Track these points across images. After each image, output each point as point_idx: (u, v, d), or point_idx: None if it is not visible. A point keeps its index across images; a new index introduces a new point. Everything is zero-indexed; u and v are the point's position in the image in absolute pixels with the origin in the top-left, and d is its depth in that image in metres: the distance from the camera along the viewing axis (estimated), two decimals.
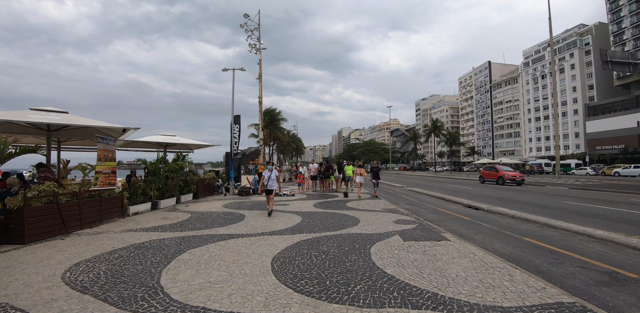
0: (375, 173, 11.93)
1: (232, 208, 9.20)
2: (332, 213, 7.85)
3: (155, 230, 6.16)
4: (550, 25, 26.53)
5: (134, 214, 8.11)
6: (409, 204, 10.52)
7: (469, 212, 8.91)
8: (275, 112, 39.70)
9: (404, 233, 5.48)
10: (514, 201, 11.37)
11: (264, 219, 7.16)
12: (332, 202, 10.30)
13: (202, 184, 12.47)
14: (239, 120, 13.78)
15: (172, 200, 10.10)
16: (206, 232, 5.80)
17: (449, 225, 6.75)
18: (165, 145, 12.32)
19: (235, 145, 13.45)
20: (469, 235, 5.82)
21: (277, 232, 5.72)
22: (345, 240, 5.05)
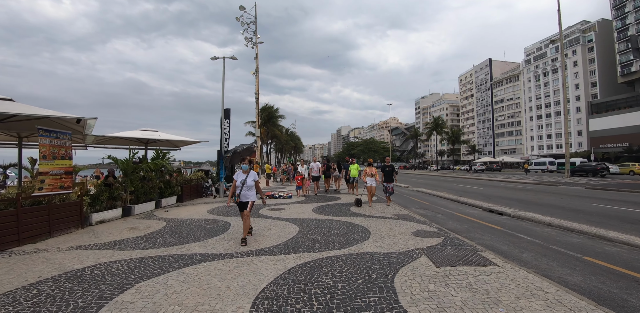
0: (389, 175, 9.00)
1: (218, 214, 7.88)
2: (335, 222, 6.55)
3: (112, 246, 4.84)
4: (559, 16, 25.30)
5: (99, 223, 6.78)
6: (422, 208, 9.25)
7: (494, 218, 7.65)
8: (273, 109, 38.29)
9: (431, 253, 4.20)
10: (535, 203, 10.14)
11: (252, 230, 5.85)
12: (334, 207, 9.01)
13: (187, 185, 11.13)
14: (229, 115, 12.44)
15: (150, 204, 8.77)
16: (174, 251, 4.49)
17: (481, 238, 5.47)
18: (146, 141, 10.97)
19: (225, 141, 12.11)
20: (512, 253, 4.54)
21: (266, 251, 4.41)
22: (356, 264, 3.76)
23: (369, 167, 9.11)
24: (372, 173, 8.92)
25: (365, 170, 9.12)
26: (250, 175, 5.06)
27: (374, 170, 9.05)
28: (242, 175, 5.06)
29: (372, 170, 8.97)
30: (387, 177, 9.04)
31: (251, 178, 5.07)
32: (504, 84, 76.96)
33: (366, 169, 9.11)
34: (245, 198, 5.01)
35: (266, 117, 35.79)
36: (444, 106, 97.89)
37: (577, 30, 62.07)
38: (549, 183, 19.46)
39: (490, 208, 8.89)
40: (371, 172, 8.94)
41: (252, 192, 5.04)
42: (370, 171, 8.97)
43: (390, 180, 9.03)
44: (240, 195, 4.97)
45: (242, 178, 5.02)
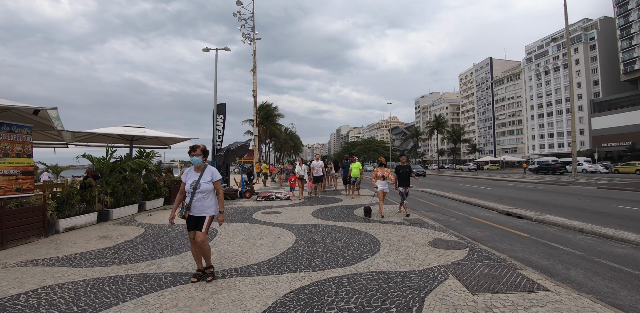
0: (405, 178, 7.33)
1: None
2: (337, 229, 5.72)
3: (70, 261, 4.00)
4: (565, 10, 24.51)
5: (67, 230, 5.93)
6: (432, 211, 8.43)
7: (515, 222, 6.84)
8: (271, 108, 37.40)
9: (460, 272, 3.37)
10: (552, 205, 9.34)
11: (241, 239, 5.02)
12: (336, 210, 8.18)
13: (176, 186, 10.27)
14: (223, 110, 11.59)
15: (131, 207, 7.92)
16: (142, 268, 3.65)
17: (512, 249, 4.64)
18: (131, 138, 10.12)
19: (218, 139, 11.26)
20: (557, 271, 3.72)
21: (255, 269, 3.58)
22: (368, 289, 2.93)
23: (380, 168, 7.37)
24: (385, 176, 7.20)
25: (376, 171, 7.31)
26: (206, 173, 3.28)
27: (388, 171, 7.31)
28: (194, 174, 3.29)
29: (384, 172, 7.23)
30: (402, 180, 7.35)
31: (207, 177, 3.25)
32: (504, 82, 76.26)
33: (377, 170, 7.32)
34: (199, 211, 3.20)
35: (264, 115, 34.90)
36: (444, 105, 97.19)
37: (579, 28, 61.36)
38: (558, 182, 18.69)
39: (507, 211, 8.07)
40: (383, 173, 7.19)
41: (209, 200, 3.26)
42: (383, 173, 7.19)
43: (406, 185, 7.31)
44: (190, 206, 3.19)
45: (194, 179, 3.24)
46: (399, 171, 7.45)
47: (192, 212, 3.21)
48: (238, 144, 11.22)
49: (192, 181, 3.25)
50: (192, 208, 3.21)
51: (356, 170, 10.71)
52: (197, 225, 3.22)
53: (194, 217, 3.23)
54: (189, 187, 3.24)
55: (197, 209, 3.21)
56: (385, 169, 7.38)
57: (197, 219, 3.23)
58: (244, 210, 8.20)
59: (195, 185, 3.21)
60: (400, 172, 7.43)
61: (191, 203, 3.19)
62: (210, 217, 3.27)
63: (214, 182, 3.30)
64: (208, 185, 3.24)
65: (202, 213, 3.22)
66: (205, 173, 3.30)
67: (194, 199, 3.20)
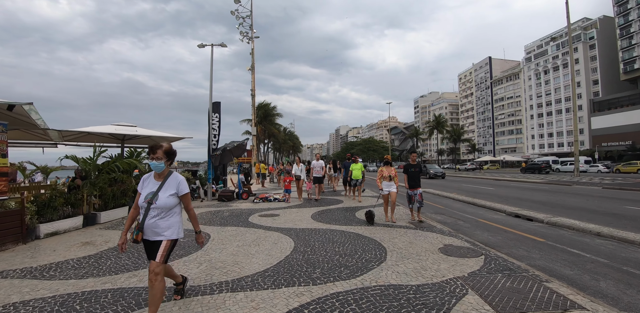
0: (415, 178, 6.48)
1: (199, 222, 6.59)
2: (339, 233, 5.33)
3: (44, 272, 3.60)
4: (567, 7, 24.23)
5: (49, 236, 5.52)
6: (438, 213, 8.06)
7: (526, 225, 6.47)
8: (270, 107, 36.97)
9: (480, 285, 2.99)
10: (561, 206, 9.00)
11: (235, 245, 4.62)
12: (337, 212, 7.79)
13: None
14: (219, 109, 11.18)
15: (121, 210, 7.51)
16: (122, 281, 3.26)
17: (529, 256, 4.27)
18: (122, 138, 9.71)
19: (214, 138, 10.85)
20: (585, 282, 3.35)
21: (248, 282, 3.19)
22: (378, 309, 2.55)
23: (386, 167, 6.51)
24: (391, 176, 6.36)
25: (381, 171, 6.46)
26: (169, 183, 2.43)
27: (393, 171, 6.45)
28: (153, 182, 2.45)
29: (390, 171, 6.39)
30: (412, 181, 6.43)
31: (170, 189, 2.41)
32: (504, 82, 76.12)
33: (382, 170, 6.47)
34: (154, 233, 2.38)
35: (262, 115, 34.48)
36: (443, 105, 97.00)
37: (579, 27, 61.23)
38: (561, 182, 18.37)
39: (515, 213, 7.71)
40: (389, 173, 6.36)
41: (169, 220, 2.42)
42: (389, 172, 6.37)
43: (417, 186, 6.41)
44: (144, 226, 2.37)
45: (152, 190, 2.41)
46: (408, 170, 6.52)
47: (145, 235, 2.39)
48: (235, 143, 10.81)
49: (148, 192, 2.40)
50: (145, 230, 2.37)
51: (358, 171, 9.89)
52: (153, 254, 2.37)
53: (149, 242, 2.42)
54: (142, 201, 2.38)
55: (151, 231, 2.37)
56: (392, 168, 6.52)
57: (152, 244, 2.41)
58: (239, 213, 7.80)
59: (151, 198, 2.35)
60: (409, 171, 6.50)
61: (144, 222, 2.36)
62: (169, 242, 2.40)
63: (180, 197, 2.48)
64: (169, 200, 2.37)
65: (157, 236, 2.37)
66: (168, 184, 2.42)
67: (148, 217, 2.36)
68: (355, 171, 9.89)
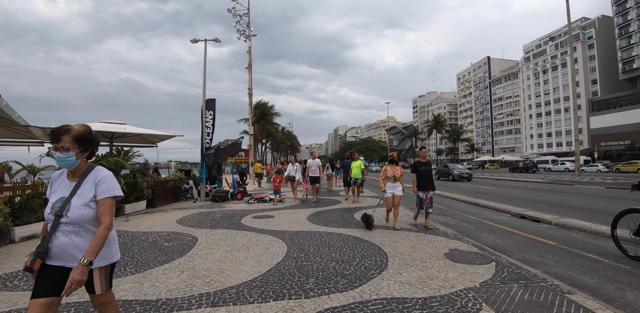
0: (425, 177, 5.61)
1: (187, 224, 6.26)
2: (336, 236, 4.97)
3: (5, 282, 3.23)
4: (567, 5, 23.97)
5: (25, 239, 5.14)
6: (440, 214, 7.72)
7: (534, 227, 6.14)
8: (267, 106, 36.56)
9: (495, 298, 2.64)
10: (566, 206, 8.69)
11: (222, 250, 4.25)
12: (334, 213, 7.43)
13: (161, 188, 9.48)
14: (212, 106, 10.79)
15: None
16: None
17: (544, 262, 3.92)
18: (110, 136, 9.31)
19: (207, 136, 10.46)
20: (609, 292, 3.00)
21: (232, 293, 2.82)
22: None
23: (390, 166, 5.66)
24: (396, 176, 5.51)
25: (385, 170, 5.63)
26: (86, 183, 1.62)
27: (399, 170, 5.60)
28: (65, 184, 1.65)
29: (395, 171, 5.54)
30: (422, 181, 5.53)
31: (88, 194, 1.59)
32: (502, 82, 76.04)
33: (386, 169, 5.63)
34: (72, 258, 1.55)
35: (260, 114, 34.06)
36: (442, 105, 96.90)
37: (577, 27, 61.17)
38: (563, 182, 18.10)
39: (521, 213, 7.38)
40: (394, 173, 5.51)
41: (85, 239, 1.56)
42: (393, 172, 5.52)
43: (428, 188, 5.54)
44: (50, 249, 1.53)
45: (62, 195, 1.60)
46: (418, 169, 5.59)
47: (50, 259, 1.54)
48: (229, 141, 10.43)
49: (57, 198, 1.61)
50: (55, 253, 1.54)
51: (357, 169, 9.18)
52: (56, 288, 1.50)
53: (54, 269, 1.54)
54: (49, 212, 1.58)
55: (66, 254, 1.54)
56: (397, 167, 5.66)
57: (60, 274, 1.53)
58: (232, 214, 7.43)
59: (60, 207, 1.55)
60: (420, 170, 5.58)
61: (50, 241, 1.53)
62: (104, 270, 1.64)
63: (98, 201, 1.60)
64: (85, 210, 1.56)
65: (73, 261, 1.53)
66: (86, 186, 1.61)
67: (59, 234, 1.54)
68: (355, 169, 9.20)
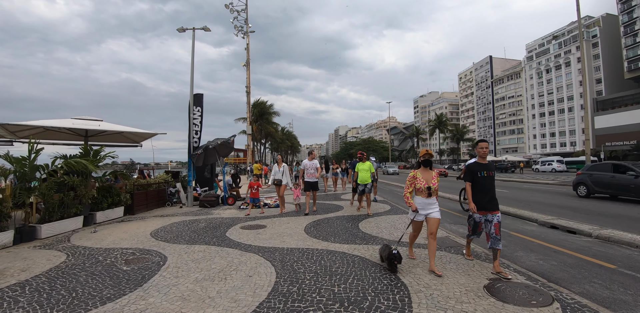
0: (487, 188, 3.52)
1: (163, 237, 5.27)
2: (339, 257, 3.99)
3: None
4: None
5: None
6: (456, 223, 6.73)
7: (573, 241, 5.16)
8: (266, 105, 35.55)
9: None
10: (597, 213, 7.72)
11: (192, 279, 3.27)
12: (336, 222, 6.45)
13: (142, 192, 8.49)
14: (200, 101, 9.83)
15: (72, 221, 6.13)
16: None
17: (620, 299, 2.92)
18: (85, 134, 8.34)
19: (195, 135, 9.49)
20: None
21: None
22: None
23: (423, 171, 3.62)
24: (432, 188, 3.50)
25: (414, 177, 3.57)
26: None
27: (435, 178, 3.58)
28: None
29: (429, 179, 3.54)
30: (482, 194, 3.51)
31: None
32: (505, 81, 75.10)
33: (415, 176, 3.57)
34: None
35: (258, 113, 33.08)
36: (443, 104, 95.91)
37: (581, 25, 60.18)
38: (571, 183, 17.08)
39: (551, 223, 6.40)
40: (428, 183, 3.51)
41: None
42: (427, 181, 3.52)
43: (493, 207, 3.48)
44: None
45: None
46: (476, 174, 3.54)
47: None
48: (219, 140, 9.45)
49: None
50: None
51: (365, 173, 7.24)
52: None
53: None
54: None
55: None
56: (432, 173, 3.59)
57: None
58: (219, 223, 6.44)
59: None
60: (479, 177, 3.53)
61: None
62: None
63: None
64: None
65: None
66: None
67: None
68: (363, 173, 7.28)
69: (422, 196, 3.55)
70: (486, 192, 3.51)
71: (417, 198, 3.61)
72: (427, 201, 3.53)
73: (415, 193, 3.63)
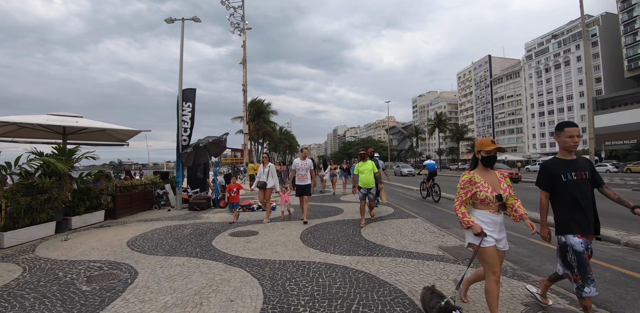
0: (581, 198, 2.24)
1: (140, 247, 4.66)
2: (342, 273, 3.40)
3: None
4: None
5: None
6: None
7: (602, 249, 4.60)
8: (263, 104, 34.88)
9: None
10: (615, 215, 7.21)
11: (161, 303, 2.67)
12: (335, 227, 5.85)
13: (126, 194, 7.85)
14: (192, 97, 9.20)
15: (42, 228, 5.49)
16: None
17: None
18: (63, 131, 7.70)
19: (184, 132, 8.86)
20: None
21: None
22: None
23: (484, 171, 2.36)
24: (504, 195, 2.26)
25: (472, 181, 2.28)
26: None
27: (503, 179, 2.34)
28: None
29: (495, 182, 2.29)
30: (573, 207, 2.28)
31: None
32: (504, 80, 74.81)
33: (474, 179, 2.29)
34: None
35: (255, 112, 32.42)
36: (442, 104, 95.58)
37: (580, 24, 59.94)
38: None
39: None
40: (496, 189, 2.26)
41: None
42: (492, 185, 2.27)
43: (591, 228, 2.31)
44: None
45: None
46: (558, 177, 2.30)
47: None
48: (210, 138, 8.83)
49: None
50: None
51: (368, 175, 5.92)
52: None
53: None
54: None
55: None
56: (495, 174, 2.36)
57: None
58: (206, 230, 5.83)
59: None
60: (566, 181, 2.28)
61: None
62: None
63: None
64: None
65: None
66: None
67: None
68: (364, 175, 5.94)
69: (490, 210, 2.24)
70: (579, 204, 2.22)
71: (479, 214, 2.27)
72: (497, 218, 2.25)
73: (475, 206, 2.32)
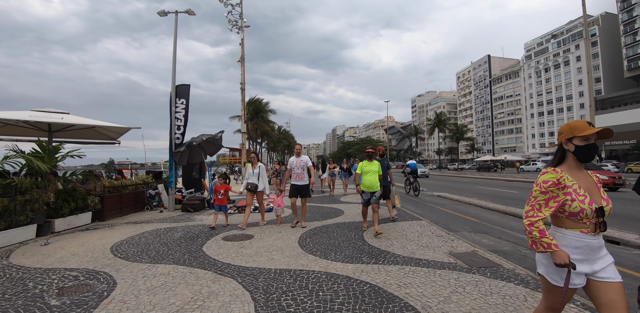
0: None
1: (124, 253, 4.29)
2: (344, 285, 3.04)
3: None
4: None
5: None
6: (476, 231, 5.81)
7: (621, 254, 4.27)
8: (261, 103, 34.45)
9: None
10: (628, 217, 6.88)
11: None
12: (336, 231, 5.50)
13: (115, 195, 7.46)
14: (186, 93, 8.82)
15: (21, 231, 5.11)
16: None
17: None
18: (48, 128, 7.30)
19: (177, 130, 8.48)
20: None
21: None
22: None
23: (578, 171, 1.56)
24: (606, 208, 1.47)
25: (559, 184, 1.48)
26: None
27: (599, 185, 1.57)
28: None
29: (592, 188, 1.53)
30: None
31: None
32: (503, 80, 74.67)
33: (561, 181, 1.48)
34: None
35: (253, 111, 32.01)
36: (441, 104, 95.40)
37: (580, 24, 59.93)
38: None
39: None
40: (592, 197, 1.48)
41: None
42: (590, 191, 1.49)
43: None
44: None
45: None
46: None
47: None
48: (204, 136, 8.45)
49: None
50: None
51: (373, 176, 5.17)
52: None
53: None
54: None
55: None
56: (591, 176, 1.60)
57: None
58: (197, 233, 5.46)
59: None
60: None
61: None
62: None
63: None
64: None
65: None
66: None
67: None
68: (369, 176, 5.18)
69: (583, 230, 1.50)
70: None
71: (568, 236, 1.52)
72: (594, 241, 1.49)
73: (558, 221, 1.57)
